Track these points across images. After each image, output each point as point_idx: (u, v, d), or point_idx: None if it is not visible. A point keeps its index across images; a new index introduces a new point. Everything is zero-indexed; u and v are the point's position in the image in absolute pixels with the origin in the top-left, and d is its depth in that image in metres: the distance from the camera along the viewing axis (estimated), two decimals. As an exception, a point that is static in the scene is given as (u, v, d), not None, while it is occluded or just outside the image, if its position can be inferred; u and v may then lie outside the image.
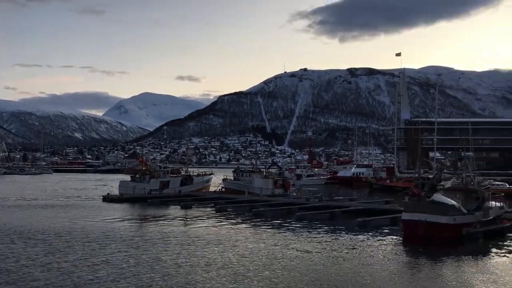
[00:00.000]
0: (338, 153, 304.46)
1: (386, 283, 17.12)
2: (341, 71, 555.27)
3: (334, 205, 42.37)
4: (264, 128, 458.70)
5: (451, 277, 18.30)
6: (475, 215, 28.37)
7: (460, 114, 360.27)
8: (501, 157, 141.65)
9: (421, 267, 20.37)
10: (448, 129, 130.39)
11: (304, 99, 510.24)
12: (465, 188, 31.45)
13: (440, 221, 26.56)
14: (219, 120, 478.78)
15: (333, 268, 19.36)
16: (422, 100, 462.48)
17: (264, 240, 26.12)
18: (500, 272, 19.14)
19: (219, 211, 41.20)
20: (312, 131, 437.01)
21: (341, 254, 22.48)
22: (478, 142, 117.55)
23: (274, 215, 38.49)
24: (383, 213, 36.44)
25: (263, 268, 19.11)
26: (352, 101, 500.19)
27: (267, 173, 63.82)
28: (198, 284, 16.58)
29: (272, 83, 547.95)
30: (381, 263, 20.67)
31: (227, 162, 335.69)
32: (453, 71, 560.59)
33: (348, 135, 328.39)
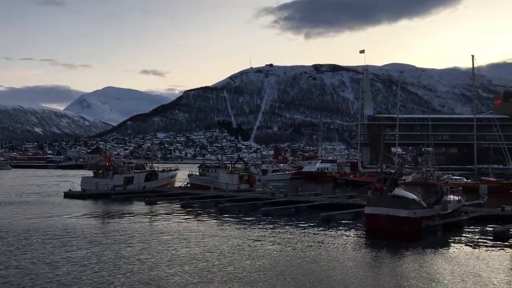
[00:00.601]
0: (304, 149, 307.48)
1: (348, 275, 17.42)
2: (307, 67, 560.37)
3: (299, 200, 42.78)
4: (230, 123, 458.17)
5: (411, 268, 18.81)
6: (435, 208, 29.25)
7: (421, 110, 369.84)
8: (459, 152, 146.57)
9: (382, 259, 20.84)
10: (409, 125, 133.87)
11: (270, 95, 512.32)
12: (425, 183, 32.35)
13: (401, 215, 27.25)
14: (184, 115, 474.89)
15: (297, 262, 19.55)
16: (385, 97, 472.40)
17: (229, 235, 26.12)
18: (457, 263, 19.80)
19: (185, 207, 40.91)
20: (278, 126, 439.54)
21: (305, 248, 22.72)
22: (437, 138, 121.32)
23: (240, 211, 38.55)
24: (347, 208, 37.07)
25: (227, 263, 19.11)
26: (317, 97, 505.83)
27: (233, 168, 63.77)
28: (161, 280, 16.42)
29: (238, 79, 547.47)
30: (344, 256, 21.02)
31: (193, 158, 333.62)
32: (414, 69, 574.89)
33: (313, 131, 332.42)
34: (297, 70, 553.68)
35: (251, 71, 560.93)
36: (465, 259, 20.56)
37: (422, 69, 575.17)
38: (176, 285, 15.87)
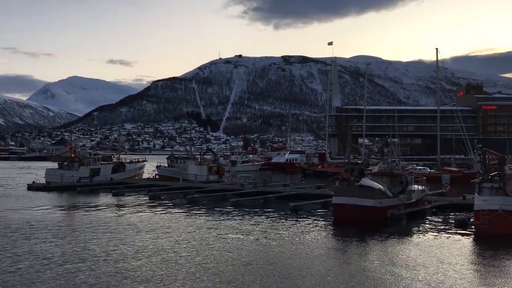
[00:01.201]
0: (273, 140, 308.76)
1: (316, 263, 17.67)
2: (276, 58, 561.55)
3: (268, 190, 42.99)
4: (199, 114, 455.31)
5: (377, 255, 19.25)
6: (399, 198, 29.97)
7: (387, 102, 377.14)
8: (423, 143, 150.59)
9: (349, 247, 21.24)
10: (376, 116, 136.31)
11: (239, 86, 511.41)
12: (390, 173, 33.05)
13: (367, 204, 27.82)
14: (152, 106, 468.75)
15: (266, 252, 19.70)
16: (353, 88, 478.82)
17: (198, 226, 26.06)
18: (420, 250, 20.38)
19: (153, 198, 40.50)
20: (247, 117, 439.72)
21: (274, 238, 22.90)
22: (403, 129, 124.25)
23: (209, 202, 38.47)
24: (315, 198, 37.50)
25: (195, 254, 19.08)
26: (286, 88, 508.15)
27: (202, 159, 63.48)
28: (128, 272, 16.25)
29: (207, 69, 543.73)
30: (312, 245, 21.30)
31: (161, 149, 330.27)
32: (381, 61, 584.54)
33: (282, 122, 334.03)
34: (266, 61, 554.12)
35: (220, 62, 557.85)
36: (428, 246, 21.17)
37: (388, 62, 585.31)
38: (142, 276, 15.74)
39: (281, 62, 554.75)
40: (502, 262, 18.26)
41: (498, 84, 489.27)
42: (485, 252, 20.64)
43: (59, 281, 15.26)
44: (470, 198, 33.52)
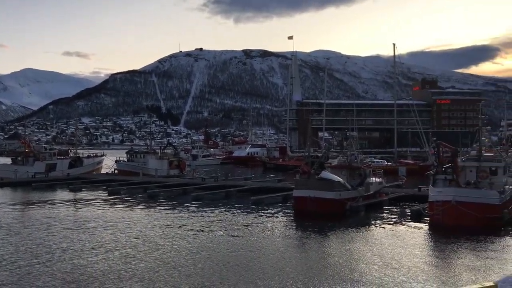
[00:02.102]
0: (234, 134, 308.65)
1: (277, 255, 17.85)
2: (237, 52, 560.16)
3: (229, 184, 43.02)
4: (159, 108, 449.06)
5: (336, 246, 19.65)
6: (358, 190, 30.66)
7: (346, 96, 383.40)
8: (381, 136, 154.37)
9: (309, 239, 21.56)
10: (335, 110, 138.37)
11: (200, 79, 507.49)
12: (349, 166, 33.73)
13: (327, 197, 28.33)
14: (111, 100, 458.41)
15: (226, 245, 19.72)
16: (313, 83, 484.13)
17: (158, 221, 25.77)
18: (377, 240, 20.95)
19: (112, 193, 39.70)
20: (208, 111, 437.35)
21: (235, 231, 22.95)
22: (361, 122, 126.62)
23: (169, 196, 38.11)
24: (276, 191, 37.80)
25: (153, 249, 18.87)
26: (247, 82, 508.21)
27: (162, 154, 62.73)
28: (84, 268, 15.90)
29: (167, 62, 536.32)
30: (273, 237, 21.49)
31: (121, 143, 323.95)
32: (340, 56, 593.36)
33: (243, 116, 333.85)
34: (227, 55, 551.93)
35: (180, 55, 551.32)
36: (385, 237, 21.78)
37: (347, 56, 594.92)
38: (99, 272, 15.44)
39: (242, 56, 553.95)
40: (454, 251, 19.02)
41: (452, 79, 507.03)
42: (438, 241, 21.44)
43: (11, 278, 14.75)
44: (425, 189, 34.64)
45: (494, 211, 24.20)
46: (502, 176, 28.26)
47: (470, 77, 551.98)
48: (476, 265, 16.67)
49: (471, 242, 20.35)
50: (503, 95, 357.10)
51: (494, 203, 24.42)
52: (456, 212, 23.96)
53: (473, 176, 27.32)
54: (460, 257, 17.94)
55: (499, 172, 28.13)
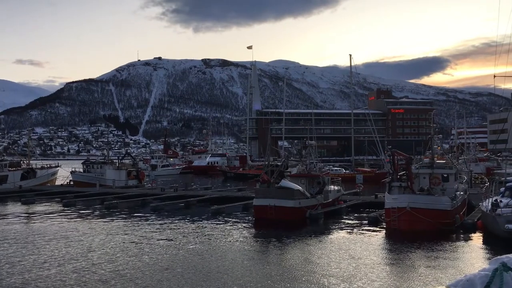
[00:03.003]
0: (194, 143, 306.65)
1: (235, 265, 17.85)
2: (196, 61, 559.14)
3: (189, 194, 42.70)
4: (117, 117, 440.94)
5: (296, 254, 19.87)
6: (317, 198, 31.16)
7: (305, 105, 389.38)
8: (339, 145, 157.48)
9: (270, 248, 21.69)
10: (294, 119, 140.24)
11: (159, 89, 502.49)
12: (308, 174, 34.24)
13: (287, 205, 28.64)
14: (66, 109, 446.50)
15: (185, 255, 19.53)
16: (272, 92, 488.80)
17: (115, 233, 25.23)
18: (336, 247, 21.32)
19: (67, 206, 38.56)
20: (168, 121, 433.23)
21: (194, 241, 22.78)
22: (320, 131, 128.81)
23: (128, 207, 37.40)
24: (236, 200, 37.84)
25: (109, 261, 18.44)
26: (207, 91, 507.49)
27: (120, 164, 61.58)
28: (35, 282, 15.36)
29: (125, 71, 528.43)
30: (233, 247, 21.47)
31: (77, 154, 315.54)
32: (298, 66, 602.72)
33: (203, 125, 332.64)
34: (186, 64, 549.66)
35: (138, 64, 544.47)
36: (343, 243, 22.21)
37: (306, 66, 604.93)
38: (50, 287, 14.96)
39: (202, 65, 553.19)
40: (408, 256, 19.61)
41: (405, 89, 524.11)
42: (393, 247, 22.06)
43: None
44: (381, 196, 35.58)
45: (446, 216, 25.15)
46: (453, 183, 29.45)
47: (423, 87, 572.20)
48: (429, 269, 17.27)
49: (424, 247, 21.05)
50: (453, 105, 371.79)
51: (446, 209, 25.38)
52: (410, 218, 24.72)
53: (426, 183, 28.34)
54: (414, 262, 18.53)
55: (450, 178, 29.32)
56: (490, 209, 22.86)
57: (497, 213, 22.13)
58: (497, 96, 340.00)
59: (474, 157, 71.30)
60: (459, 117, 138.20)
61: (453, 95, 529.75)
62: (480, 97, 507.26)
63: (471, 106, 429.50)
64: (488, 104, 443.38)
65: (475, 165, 61.74)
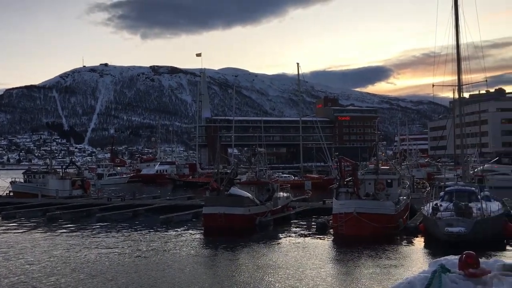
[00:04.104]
0: (142, 151, 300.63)
1: (185, 274, 17.62)
2: (144, 68, 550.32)
3: (137, 203, 41.76)
4: (61, 125, 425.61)
5: (245, 261, 19.90)
6: (267, 205, 31.36)
7: (255, 113, 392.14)
8: (288, 152, 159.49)
9: (220, 256, 21.58)
10: (244, 127, 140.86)
11: (105, 96, 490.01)
12: (258, 181, 34.44)
13: (236, 213, 28.62)
14: (6, 116, 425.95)
15: (131, 266, 19.05)
16: (222, 100, 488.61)
17: (56, 245, 24.21)
18: (284, 253, 21.54)
19: (6, 218, 36.60)
20: (115, 128, 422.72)
21: (142, 251, 22.28)
22: (269, 139, 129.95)
23: (72, 218, 36.03)
24: (186, 209, 37.37)
25: (50, 274, 17.64)
26: (156, 98, 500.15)
27: (64, 173, 59.32)
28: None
29: (70, 77, 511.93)
30: (182, 256, 21.19)
31: (17, 163, 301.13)
32: (248, 73, 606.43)
33: (152, 133, 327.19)
34: (134, 71, 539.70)
35: (84, 70, 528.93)
36: (292, 249, 22.46)
37: (255, 74, 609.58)
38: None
39: (150, 72, 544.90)
40: (354, 260, 20.11)
41: (351, 97, 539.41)
42: (340, 251, 22.57)
43: None
44: (329, 202, 36.32)
45: (390, 220, 26.01)
46: (397, 188, 30.56)
47: (368, 96, 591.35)
48: (373, 272, 17.78)
49: (369, 251, 21.65)
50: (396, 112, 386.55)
51: (391, 213, 26.26)
52: (357, 222, 25.36)
53: (372, 188, 29.22)
54: (359, 265, 19.03)
55: (394, 184, 30.40)
56: (431, 213, 23.86)
57: (437, 216, 23.12)
58: (437, 104, 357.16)
59: (416, 163, 74.39)
60: (401, 125, 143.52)
61: (396, 103, 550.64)
62: (421, 105, 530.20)
63: (413, 114, 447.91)
64: (429, 112, 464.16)
65: (417, 171, 64.40)
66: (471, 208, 23.33)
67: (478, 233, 21.26)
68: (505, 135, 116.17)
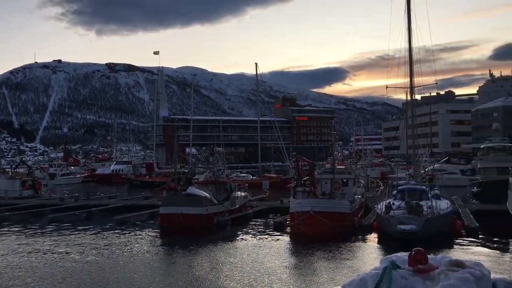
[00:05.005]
0: (97, 150, 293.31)
1: (139, 275, 17.34)
2: (100, 65, 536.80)
3: (91, 204, 40.75)
4: (11, 123, 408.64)
5: (202, 262, 19.81)
6: (224, 204, 31.33)
7: (213, 112, 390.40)
8: (246, 151, 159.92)
9: (177, 256, 21.38)
10: (202, 126, 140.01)
11: (58, 93, 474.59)
12: (216, 181, 34.35)
13: (194, 212, 28.43)
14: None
15: (83, 267, 18.55)
16: (180, 99, 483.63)
17: (5, 248, 23.23)
18: (242, 252, 21.60)
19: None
20: (68, 127, 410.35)
21: (96, 253, 21.72)
22: (227, 138, 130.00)
23: (22, 220, 34.66)
24: (142, 209, 36.79)
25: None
26: (112, 96, 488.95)
27: (14, 173, 57.08)
28: None
29: (21, 74, 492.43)
30: (138, 257, 20.84)
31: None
32: (206, 73, 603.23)
33: (107, 132, 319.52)
34: (89, 68, 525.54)
35: (36, 66, 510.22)
36: (249, 249, 22.54)
37: (213, 73, 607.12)
38: None
39: (106, 69, 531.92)
40: (309, 258, 20.44)
41: (309, 97, 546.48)
42: (296, 249, 22.86)
43: None
44: (287, 201, 36.70)
45: (346, 219, 26.57)
46: (352, 187, 31.26)
47: (325, 96, 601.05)
48: (328, 269, 18.15)
49: (325, 249, 22.03)
50: (352, 113, 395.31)
51: (346, 212, 26.83)
52: (313, 221, 25.73)
53: (328, 188, 29.76)
54: (314, 263, 19.35)
55: (349, 183, 31.08)
56: (384, 211, 24.55)
57: (390, 215, 23.82)
58: (390, 106, 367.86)
59: (371, 163, 76.36)
60: (357, 125, 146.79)
61: (352, 104, 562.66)
62: (375, 106, 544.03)
63: (368, 115, 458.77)
64: (383, 113, 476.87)
65: (371, 170, 66.08)
66: (422, 206, 24.17)
67: (428, 230, 22.04)
68: (454, 136, 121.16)
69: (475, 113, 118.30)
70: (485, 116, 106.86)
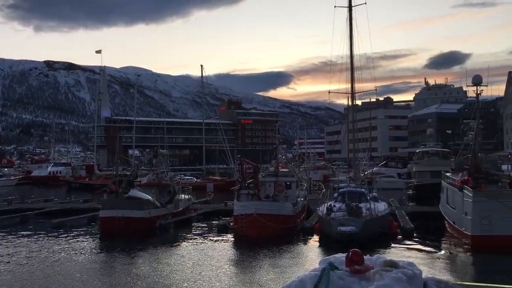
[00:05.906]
0: (33, 151, 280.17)
1: (78, 282, 16.75)
2: (37, 63, 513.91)
3: (26, 207, 38.82)
4: None
5: (142, 266, 19.46)
6: (168, 207, 30.91)
7: (157, 114, 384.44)
8: (191, 154, 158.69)
9: (117, 260, 20.81)
10: (146, 127, 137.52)
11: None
12: (159, 183, 33.83)
13: (135, 216, 27.84)
14: None
15: (15, 276, 17.63)
16: (123, 99, 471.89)
17: None
18: (184, 256, 21.42)
19: None
20: (2, 126, 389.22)
21: (29, 259, 20.69)
22: (171, 140, 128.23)
23: None
24: (82, 212, 35.53)
25: None
26: (50, 95, 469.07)
27: None
28: None
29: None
30: (77, 262, 20.10)
31: None
32: (151, 73, 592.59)
33: (45, 132, 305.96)
34: (26, 65, 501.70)
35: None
36: (191, 252, 22.38)
37: (158, 74, 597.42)
38: None
39: (44, 67, 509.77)
40: (251, 260, 20.56)
41: (254, 101, 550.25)
42: (239, 252, 22.95)
43: None
44: (231, 204, 36.73)
45: (289, 221, 26.97)
46: (295, 190, 31.77)
47: (270, 100, 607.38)
48: (269, 271, 18.35)
49: (267, 251, 22.26)
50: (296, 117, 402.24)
51: (289, 214, 27.24)
52: (257, 223, 25.92)
53: (272, 190, 30.08)
54: (256, 265, 19.51)
55: (292, 186, 31.57)
56: (325, 213, 25.15)
57: (331, 217, 24.43)
58: (333, 110, 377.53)
59: (313, 166, 77.99)
60: (301, 129, 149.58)
61: (296, 108, 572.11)
62: (319, 111, 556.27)
63: (311, 119, 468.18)
64: (326, 117, 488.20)
65: (314, 173, 67.50)
66: (361, 208, 24.97)
67: (367, 232, 22.81)
68: (392, 141, 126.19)
69: (411, 119, 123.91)
70: (420, 122, 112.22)
